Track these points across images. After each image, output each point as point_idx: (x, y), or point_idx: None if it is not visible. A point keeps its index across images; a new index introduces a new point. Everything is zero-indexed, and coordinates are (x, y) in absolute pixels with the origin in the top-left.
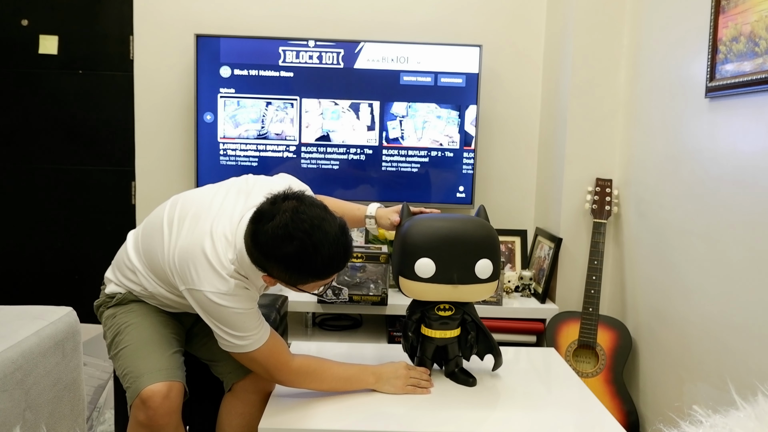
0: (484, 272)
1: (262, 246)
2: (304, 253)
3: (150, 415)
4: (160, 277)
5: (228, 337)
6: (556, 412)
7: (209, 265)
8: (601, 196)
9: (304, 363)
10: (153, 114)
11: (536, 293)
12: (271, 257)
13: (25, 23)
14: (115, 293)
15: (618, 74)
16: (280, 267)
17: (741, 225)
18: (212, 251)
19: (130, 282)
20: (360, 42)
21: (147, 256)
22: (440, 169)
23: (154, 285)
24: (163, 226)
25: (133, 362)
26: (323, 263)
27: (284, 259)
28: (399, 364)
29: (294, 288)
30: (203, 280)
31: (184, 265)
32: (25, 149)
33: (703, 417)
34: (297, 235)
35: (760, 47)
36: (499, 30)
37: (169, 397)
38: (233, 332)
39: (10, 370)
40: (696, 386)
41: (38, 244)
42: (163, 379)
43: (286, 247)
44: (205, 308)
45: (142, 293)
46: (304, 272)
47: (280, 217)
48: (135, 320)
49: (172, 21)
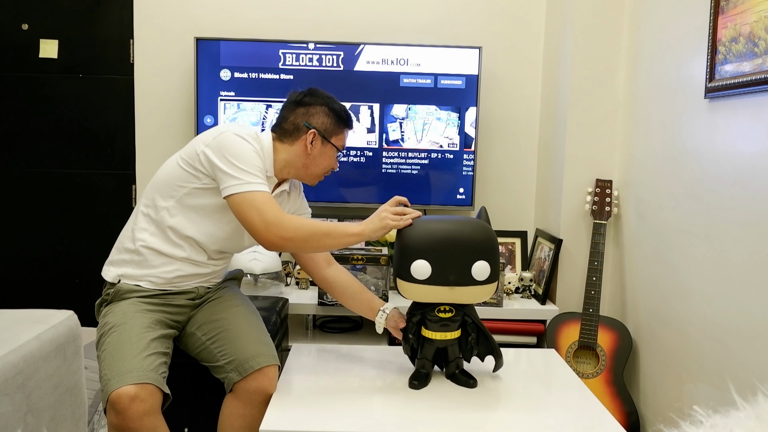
0: (481, 274)
1: (305, 100)
2: (335, 100)
3: (121, 419)
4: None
5: (238, 173)
6: (556, 413)
7: (237, 125)
8: (601, 197)
9: (296, 220)
10: (153, 117)
11: (536, 294)
12: (317, 102)
13: (25, 27)
14: (110, 285)
15: (617, 75)
16: (324, 108)
17: (741, 225)
18: (237, 125)
19: (122, 253)
20: (360, 44)
21: (156, 179)
22: (440, 170)
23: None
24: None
25: (107, 365)
26: (345, 109)
27: (325, 101)
28: (378, 212)
29: (328, 142)
30: (230, 128)
31: (210, 131)
32: (25, 153)
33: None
34: (325, 92)
35: (759, 48)
36: (499, 32)
37: (139, 398)
38: (245, 167)
39: (12, 374)
40: (696, 386)
41: (39, 248)
42: (130, 382)
43: (322, 95)
44: (229, 143)
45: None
46: (337, 111)
47: (305, 91)
48: (119, 321)
49: (172, 24)
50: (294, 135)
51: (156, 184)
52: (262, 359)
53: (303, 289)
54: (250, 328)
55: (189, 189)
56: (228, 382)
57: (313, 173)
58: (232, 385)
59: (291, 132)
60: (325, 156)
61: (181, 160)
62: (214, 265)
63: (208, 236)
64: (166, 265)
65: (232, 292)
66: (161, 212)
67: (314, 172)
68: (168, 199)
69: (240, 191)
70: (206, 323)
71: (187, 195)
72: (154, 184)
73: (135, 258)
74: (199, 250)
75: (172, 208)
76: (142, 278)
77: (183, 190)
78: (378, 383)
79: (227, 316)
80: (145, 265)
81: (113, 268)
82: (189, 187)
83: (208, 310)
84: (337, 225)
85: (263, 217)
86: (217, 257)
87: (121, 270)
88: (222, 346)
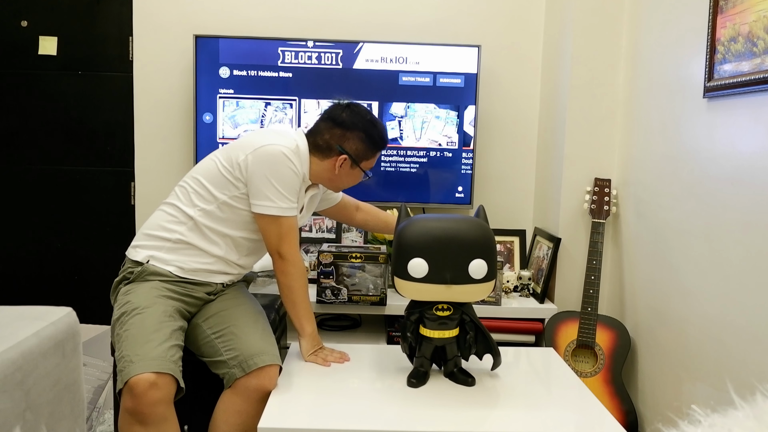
0: (478, 272)
1: (345, 119)
2: (374, 121)
3: (136, 403)
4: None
5: (274, 195)
6: (555, 411)
7: (276, 135)
8: (600, 196)
9: (302, 267)
10: (152, 115)
11: (535, 293)
12: (355, 127)
13: (24, 24)
14: (135, 264)
15: (616, 74)
16: (361, 134)
17: (739, 225)
18: (277, 130)
19: (156, 240)
20: (359, 42)
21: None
22: (439, 169)
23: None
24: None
25: (129, 347)
26: (382, 132)
27: (364, 126)
28: (320, 342)
29: (356, 166)
30: (272, 140)
31: (251, 138)
32: (24, 150)
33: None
34: (367, 111)
35: (758, 47)
36: (498, 30)
37: (157, 386)
38: (282, 190)
39: (10, 370)
40: (695, 386)
41: (37, 245)
42: (153, 369)
43: (362, 117)
44: (271, 162)
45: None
46: (374, 137)
47: (346, 105)
48: (143, 305)
49: (171, 22)
50: (326, 153)
51: (196, 183)
52: (266, 357)
53: None
54: (256, 326)
55: (229, 196)
56: (229, 378)
57: (338, 187)
58: (233, 380)
59: (323, 149)
60: (352, 177)
61: (222, 167)
62: (242, 267)
63: (245, 238)
64: (199, 256)
65: (242, 291)
66: (200, 212)
67: (338, 186)
68: (208, 203)
69: (270, 213)
70: (213, 317)
71: (227, 201)
72: (194, 184)
73: (168, 245)
74: (233, 249)
75: (212, 212)
76: (171, 263)
77: (223, 197)
78: (376, 381)
79: (235, 312)
80: (178, 253)
81: (142, 250)
82: (229, 194)
83: (217, 305)
84: (302, 309)
85: (279, 245)
86: (248, 258)
87: (152, 252)
88: (227, 341)
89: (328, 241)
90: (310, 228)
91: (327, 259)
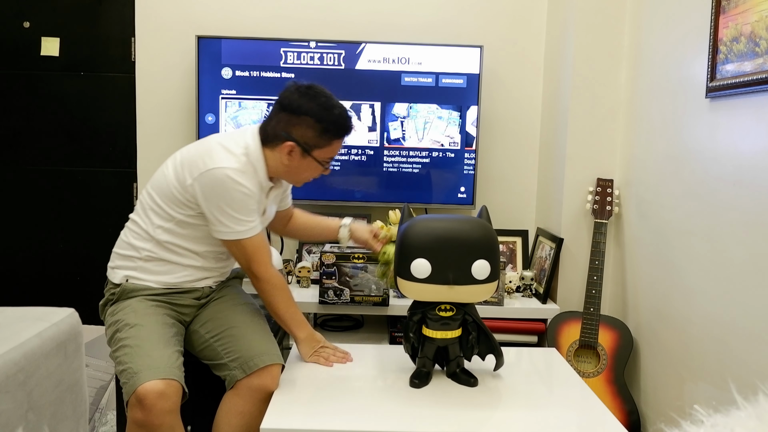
0: (481, 273)
1: (294, 102)
2: (328, 104)
3: (146, 414)
4: (167, 198)
5: (229, 221)
6: (557, 412)
7: (222, 149)
8: (602, 196)
9: (278, 278)
10: (154, 115)
11: (537, 293)
12: (303, 110)
13: (26, 25)
14: (116, 285)
15: (618, 75)
16: (309, 119)
17: (742, 225)
18: (224, 141)
19: (128, 260)
20: (361, 43)
21: (152, 195)
22: (441, 169)
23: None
24: (166, 162)
25: (131, 359)
26: (340, 115)
27: (313, 110)
28: (321, 340)
29: (308, 155)
30: (218, 160)
31: (197, 156)
32: (26, 151)
33: (704, 416)
34: (323, 93)
35: (760, 47)
36: (500, 31)
37: (165, 395)
38: (237, 215)
39: (13, 371)
40: (697, 386)
41: (40, 246)
42: (160, 377)
43: (315, 100)
44: (220, 187)
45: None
46: (327, 122)
47: (303, 86)
48: (135, 318)
49: (173, 23)
50: (274, 141)
51: (151, 200)
52: (267, 357)
53: (304, 287)
54: (254, 327)
55: (186, 215)
56: (230, 379)
57: (296, 180)
58: (234, 382)
59: (272, 138)
60: (307, 168)
61: (173, 186)
62: (222, 267)
63: (211, 251)
64: (174, 270)
65: (236, 291)
66: (159, 230)
67: (296, 179)
68: (166, 221)
69: (230, 239)
70: (210, 321)
71: (184, 219)
72: (150, 200)
73: (140, 264)
74: (206, 258)
75: (172, 229)
76: (148, 280)
77: (179, 216)
78: (379, 382)
79: (232, 314)
80: (152, 268)
81: (119, 271)
82: (185, 214)
83: (213, 309)
84: (289, 319)
85: (249, 267)
86: (227, 261)
87: (127, 272)
88: (226, 344)
89: (331, 241)
90: None
91: (329, 260)
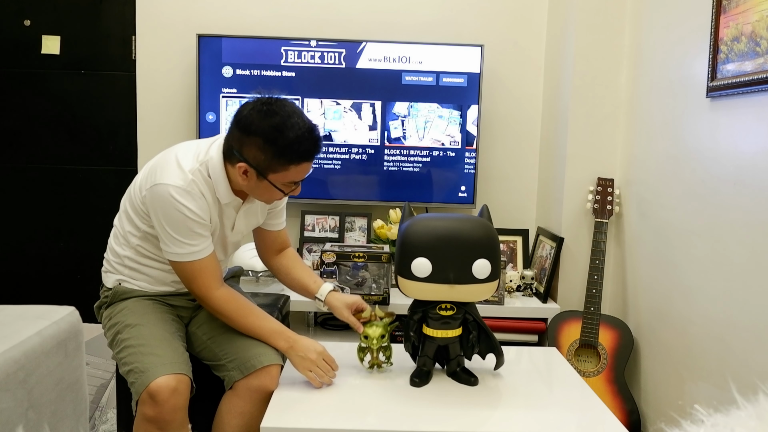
0: (482, 272)
1: (245, 120)
2: (282, 126)
3: (158, 410)
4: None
5: (169, 242)
6: (557, 411)
7: (176, 164)
8: (603, 195)
9: (228, 297)
10: (155, 114)
11: (538, 293)
12: (252, 130)
13: (27, 23)
14: (109, 289)
15: (619, 74)
16: (258, 140)
17: (742, 224)
18: (183, 153)
19: (116, 265)
20: (362, 42)
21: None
22: (442, 168)
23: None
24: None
25: (137, 358)
26: (296, 139)
27: (263, 131)
28: (314, 346)
29: (263, 179)
30: (166, 175)
31: (156, 166)
32: (27, 149)
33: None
34: (278, 112)
35: (761, 47)
36: (501, 30)
37: (178, 391)
38: (177, 236)
39: (13, 369)
40: (697, 385)
41: (40, 244)
42: (171, 372)
43: (267, 119)
44: (161, 205)
45: (130, 274)
46: (279, 146)
47: (263, 101)
48: (135, 319)
49: (174, 21)
50: (230, 158)
51: (124, 207)
52: (265, 358)
53: None
54: None
55: (149, 225)
56: (229, 380)
57: (263, 200)
58: (233, 383)
59: (227, 154)
60: (266, 191)
61: (136, 196)
62: None
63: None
64: (161, 274)
65: None
66: (134, 237)
67: (262, 199)
68: (137, 229)
69: (173, 260)
70: (206, 323)
71: (149, 231)
72: (123, 208)
73: (127, 270)
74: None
75: (145, 237)
76: (138, 283)
77: (144, 226)
78: (379, 381)
79: None
80: (139, 273)
81: (111, 275)
82: (147, 225)
83: None
84: (263, 332)
85: (192, 290)
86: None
87: (118, 276)
88: (223, 345)
89: (331, 240)
90: (313, 227)
91: (330, 259)
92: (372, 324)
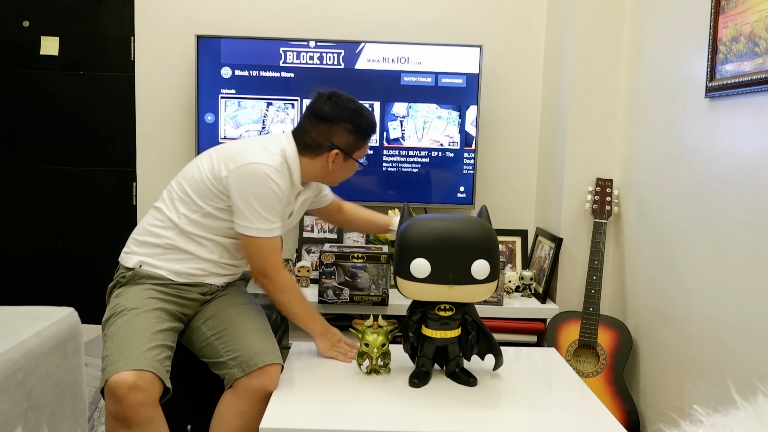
0: (481, 273)
1: (326, 113)
2: (359, 109)
3: (117, 406)
4: (198, 189)
5: (254, 217)
6: (556, 411)
7: (262, 147)
8: (602, 196)
9: (290, 279)
10: (154, 115)
11: (537, 293)
12: (340, 119)
13: (26, 24)
14: (127, 269)
15: (618, 74)
16: (347, 125)
17: (741, 225)
18: (263, 141)
19: (145, 246)
20: (360, 42)
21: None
22: (441, 169)
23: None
24: (200, 156)
25: (114, 347)
26: (369, 118)
27: (350, 117)
28: (339, 333)
29: (349, 158)
30: (257, 156)
31: (234, 152)
32: (26, 150)
33: (704, 416)
34: (349, 99)
35: (760, 47)
36: (500, 30)
37: (138, 388)
38: (263, 212)
39: (12, 370)
40: (696, 386)
41: (39, 245)
42: (132, 367)
43: (345, 107)
44: (252, 181)
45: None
46: (363, 126)
47: (328, 95)
48: (131, 306)
49: (172, 22)
50: (315, 151)
51: (181, 190)
52: (267, 357)
53: (303, 287)
54: (255, 327)
55: (214, 207)
56: (229, 378)
57: (333, 181)
58: (233, 381)
59: (312, 147)
60: (347, 169)
61: (206, 177)
62: (236, 267)
63: (233, 243)
64: (190, 261)
65: (239, 290)
66: (185, 219)
67: (333, 180)
68: (193, 211)
69: (250, 235)
70: (212, 318)
71: (212, 212)
72: (179, 190)
73: (158, 251)
74: (224, 252)
75: (196, 221)
76: (162, 267)
77: (208, 207)
78: (378, 381)
79: (234, 313)
80: (168, 257)
81: (134, 256)
82: (213, 206)
83: (216, 306)
84: (304, 317)
85: (262, 267)
86: (242, 260)
87: (143, 258)
88: (227, 342)
89: (330, 241)
90: (312, 228)
91: (329, 260)
92: (373, 331)
